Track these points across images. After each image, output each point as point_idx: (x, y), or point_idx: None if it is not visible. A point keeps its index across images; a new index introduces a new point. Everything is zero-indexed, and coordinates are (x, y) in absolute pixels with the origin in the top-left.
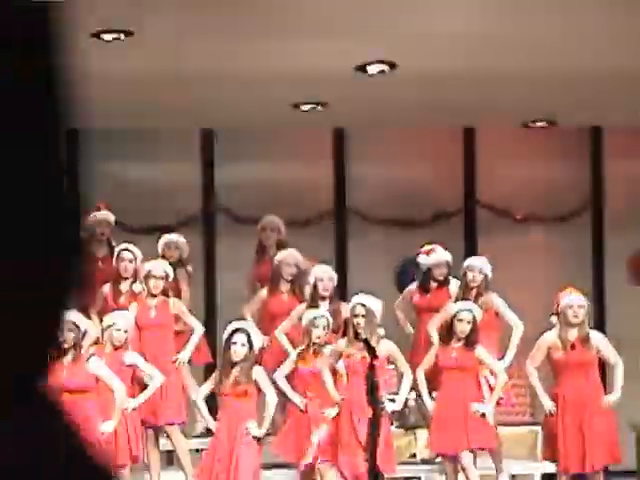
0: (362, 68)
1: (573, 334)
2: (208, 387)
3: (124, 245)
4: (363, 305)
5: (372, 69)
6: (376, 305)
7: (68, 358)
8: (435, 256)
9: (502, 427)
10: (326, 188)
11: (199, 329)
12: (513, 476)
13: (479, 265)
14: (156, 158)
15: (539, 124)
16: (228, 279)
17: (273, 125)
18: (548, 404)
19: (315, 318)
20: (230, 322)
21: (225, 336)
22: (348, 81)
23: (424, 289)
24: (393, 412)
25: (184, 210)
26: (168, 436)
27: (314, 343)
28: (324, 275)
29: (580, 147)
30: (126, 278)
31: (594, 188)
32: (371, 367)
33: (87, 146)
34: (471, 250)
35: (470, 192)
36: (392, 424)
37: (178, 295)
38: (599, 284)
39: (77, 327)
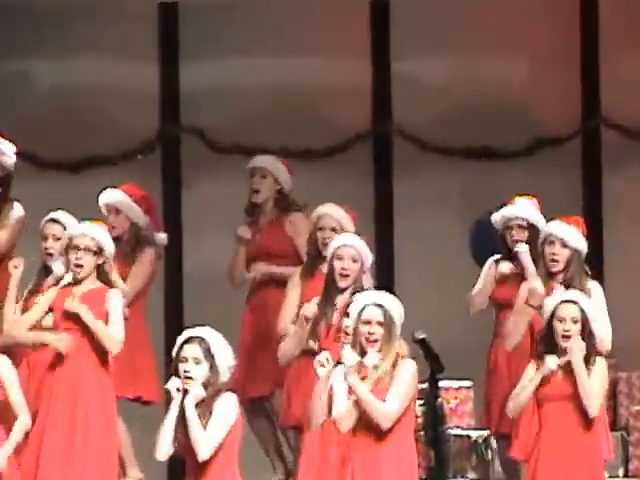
0: None
1: None
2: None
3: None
4: (379, 306)
5: None
6: (396, 307)
7: None
8: (510, 210)
9: None
10: (359, 99)
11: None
12: None
13: (560, 234)
14: (87, 52)
15: None
16: (198, 242)
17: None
18: None
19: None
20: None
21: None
22: None
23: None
24: None
25: (132, 134)
26: None
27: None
28: (344, 251)
29: None
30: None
31: None
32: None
33: None
34: (592, 192)
35: (591, 108)
36: None
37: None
38: None
39: None
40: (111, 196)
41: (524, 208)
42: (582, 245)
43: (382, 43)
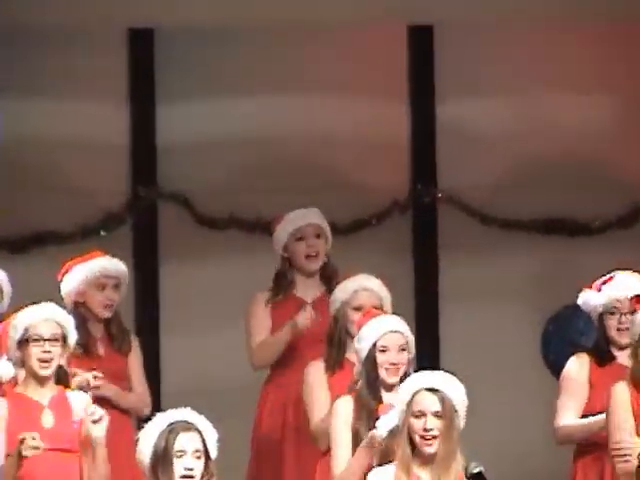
0: None
1: None
2: None
3: None
4: (435, 391)
5: None
6: (457, 389)
7: None
8: (612, 290)
9: None
10: (394, 155)
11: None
12: None
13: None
14: (33, 93)
15: None
16: (180, 340)
17: (273, 24)
18: None
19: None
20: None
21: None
22: None
23: (599, 361)
24: None
25: (94, 201)
26: None
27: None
28: (390, 339)
29: None
30: None
31: None
32: None
33: None
34: None
35: None
36: None
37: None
38: None
39: None
40: (118, 265)
41: None
42: None
43: (424, 81)
